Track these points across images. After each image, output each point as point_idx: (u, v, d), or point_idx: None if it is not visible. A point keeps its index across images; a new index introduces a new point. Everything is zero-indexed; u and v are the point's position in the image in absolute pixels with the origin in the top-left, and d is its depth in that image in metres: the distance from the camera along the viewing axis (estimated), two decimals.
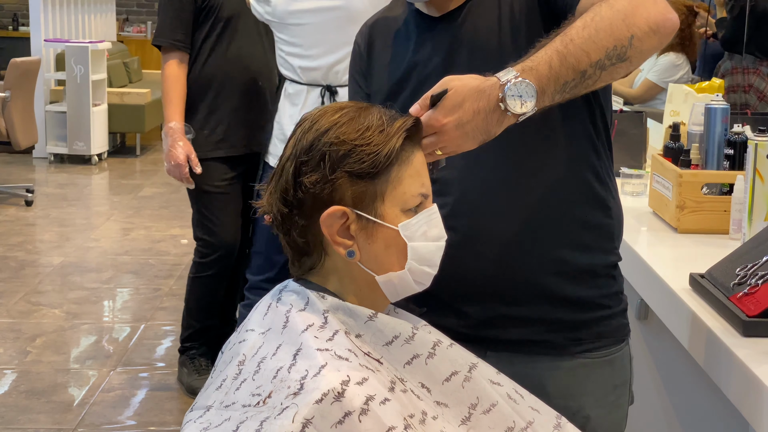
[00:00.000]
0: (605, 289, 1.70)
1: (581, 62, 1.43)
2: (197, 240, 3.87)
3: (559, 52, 1.43)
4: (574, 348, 1.68)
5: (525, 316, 1.66)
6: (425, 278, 1.44)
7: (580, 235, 1.67)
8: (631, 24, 1.45)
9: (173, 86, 3.65)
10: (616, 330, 1.72)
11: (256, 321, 1.44)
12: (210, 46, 3.70)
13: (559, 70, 1.42)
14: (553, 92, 1.44)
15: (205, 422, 1.35)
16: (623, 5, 1.45)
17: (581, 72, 1.44)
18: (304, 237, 1.41)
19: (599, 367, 1.69)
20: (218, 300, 3.93)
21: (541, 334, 1.66)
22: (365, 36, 1.82)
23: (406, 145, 1.39)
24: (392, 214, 1.39)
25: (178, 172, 3.60)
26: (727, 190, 2.36)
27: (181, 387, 3.93)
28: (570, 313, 1.67)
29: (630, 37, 1.45)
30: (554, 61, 1.42)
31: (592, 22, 1.44)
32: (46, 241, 6.32)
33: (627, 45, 1.45)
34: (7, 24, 12.01)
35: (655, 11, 1.47)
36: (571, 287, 1.66)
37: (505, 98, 1.40)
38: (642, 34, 1.46)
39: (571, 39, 1.43)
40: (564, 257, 1.65)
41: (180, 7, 3.67)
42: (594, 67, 1.44)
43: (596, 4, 1.48)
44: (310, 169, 1.37)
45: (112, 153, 9.18)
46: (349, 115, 1.39)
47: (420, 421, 1.32)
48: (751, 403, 1.53)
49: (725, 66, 5.67)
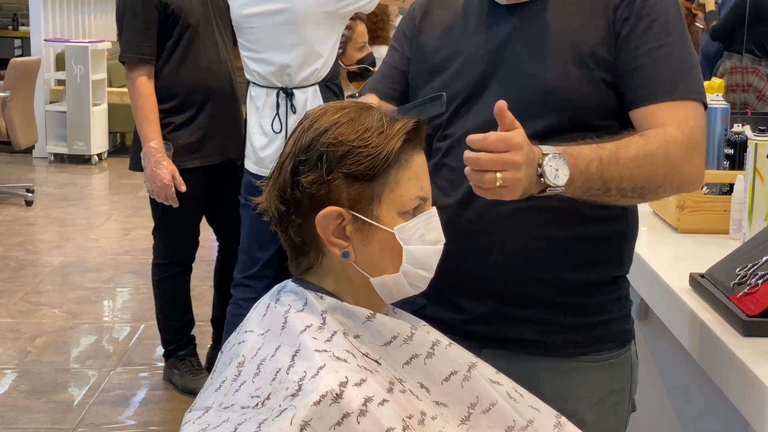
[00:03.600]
0: (607, 296, 1.70)
1: (612, 181, 1.51)
2: (158, 241, 3.86)
3: (600, 161, 1.50)
4: (571, 350, 1.67)
5: (521, 315, 1.66)
6: (421, 281, 1.43)
7: (592, 252, 1.67)
8: (670, 177, 1.57)
9: (147, 104, 3.56)
10: (616, 335, 1.71)
11: (255, 322, 1.44)
12: (180, 55, 3.63)
13: (592, 175, 1.50)
14: (578, 188, 1.50)
15: (203, 423, 1.35)
16: (675, 157, 1.56)
17: (607, 189, 1.52)
18: (300, 236, 1.41)
19: (596, 371, 1.69)
20: (188, 294, 3.93)
21: (536, 335, 1.66)
22: (422, 3, 1.80)
23: (405, 148, 1.39)
24: (388, 217, 1.39)
25: (165, 192, 3.52)
26: (727, 190, 2.36)
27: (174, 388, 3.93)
28: (568, 316, 1.67)
29: (659, 186, 1.57)
30: (593, 165, 1.50)
31: (644, 159, 1.53)
32: (46, 241, 6.32)
33: (653, 190, 1.58)
34: (7, 24, 12.00)
35: (695, 172, 1.60)
36: (574, 297, 1.67)
37: (543, 165, 1.44)
38: (670, 188, 1.60)
39: (617, 159, 1.52)
40: (571, 277, 1.66)
41: (144, 19, 3.58)
42: (617, 190, 1.53)
43: (657, 136, 1.56)
44: (308, 169, 1.37)
45: (112, 153, 9.18)
46: (350, 116, 1.39)
47: (419, 421, 1.32)
48: (751, 403, 1.53)
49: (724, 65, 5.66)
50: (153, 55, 3.60)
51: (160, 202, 3.61)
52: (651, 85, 1.60)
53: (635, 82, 1.61)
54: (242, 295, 3.47)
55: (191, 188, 3.61)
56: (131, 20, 3.59)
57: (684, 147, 1.57)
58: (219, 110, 3.67)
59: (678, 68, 1.61)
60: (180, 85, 3.64)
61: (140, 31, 3.58)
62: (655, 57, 1.60)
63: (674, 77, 1.61)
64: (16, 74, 7.00)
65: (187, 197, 3.60)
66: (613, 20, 1.62)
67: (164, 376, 4.01)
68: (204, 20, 3.68)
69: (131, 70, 3.60)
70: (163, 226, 3.81)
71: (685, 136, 1.57)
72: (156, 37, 3.60)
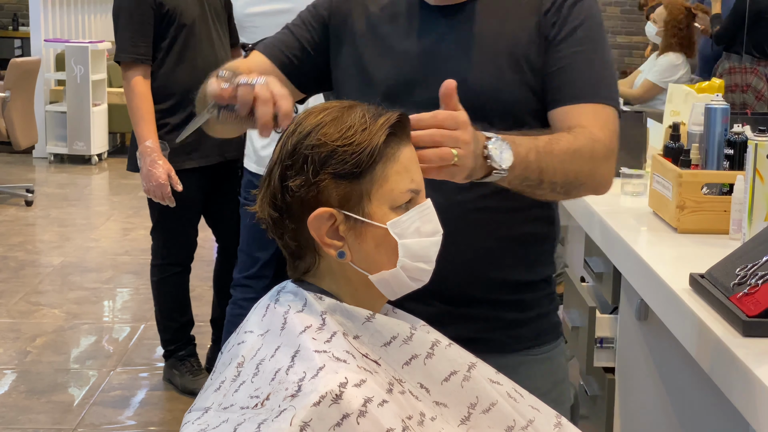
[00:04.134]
0: (542, 292, 1.77)
1: (546, 173, 1.54)
2: (156, 242, 3.86)
3: (538, 151, 1.53)
4: (516, 345, 1.73)
5: (467, 314, 1.68)
6: (421, 274, 1.43)
7: (532, 251, 1.74)
8: (592, 175, 1.62)
9: (143, 103, 3.55)
10: (552, 328, 1.79)
11: (255, 322, 1.44)
12: (176, 55, 3.63)
13: (531, 164, 1.52)
14: (517, 176, 1.51)
15: (203, 424, 1.35)
16: (598, 157, 1.60)
17: (541, 180, 1.55)
18: (296, 240, 1.41)
19: (540, 363, 1.75)
20: (188, 294, 3.93)
21: (481, 332, 1.69)
22: None
23: (391, 142, 1.38)
24: (380, 213, 1.38)
25: (160, 191, 3.51)
26: (727, 190, 2.35)
27: (174, 388, 3.93)
28: (510, 312, 1.72)
29: (583, 184, 1.62)
30: (531, 153, 1.52)
31: (573, 154, 1.57)
32: (46, 241, 6.32)
33: (577, 186, 1.62)
34: (7, 24, 12.00)
35: (610, 175, 1.66)
36: (515, 294, 1.73)
37: (489, 147, 1.46)
38: (590, 187, 1.65)
39: (552, 151, 1.54)
40: (515, 276, 1.72)
41: (140, 19, 3.57)
42: (549, 183, 1.56)
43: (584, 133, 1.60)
44: (295, 173, 1.37)
45: (112, 153, 9.18)
46: (332, 115, 1.39)
47: (418, 422, 1.32)
48: (751, 403, 1.53)
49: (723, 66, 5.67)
50: (149, 55, 3.59)
51: (156, 202, 3.61)
52: (575, 86, 1.65)
53: (559, 83, 1.65)
54: (242, 294, 3.47)
55: (189, 189, 3.60)
56: (127, 20, 3.59)
57: (605, 148, 1.63)
58: None
59: (600, 74, 1.67)
60: (176, 85, 3.63)
61: (136, 31, 3.57)
62: (579, 60, 1.66)
63: (597, 81, 1.66)
64: (16, 74, 7.00)
65: (185, 198, 3.60)
66: (543, 24, 1.67)
67: (164, 376, 4.01)
68: (200, 20, 3.67)
69: (127, 70, 3.59)
70: (162, 227, 3.81)
71: (607, 138, 1.63)
72: (152, 37, 3.59)
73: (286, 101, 1.43)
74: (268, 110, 1.42)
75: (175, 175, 3.54)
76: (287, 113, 1.43)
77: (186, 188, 3.58)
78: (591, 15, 1.69)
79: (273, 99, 1.43)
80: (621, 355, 2.51)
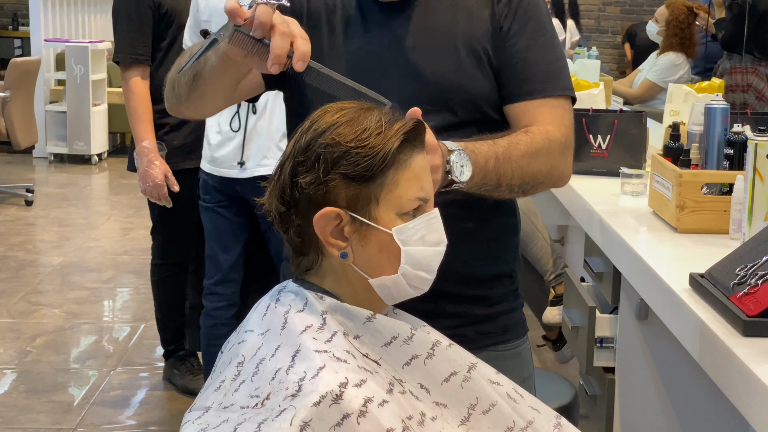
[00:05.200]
0: (508, 288, 1.79)
1: (504, 177, 1.59)
2: (156, 242, 3.86)
3: (497, 158, 1.57)
4: (485, 341, 1.74)
5: (435, 311, 1.67)
6: (421, 283, 1.43)
7: (496, 245, 1.76)
8: (550, 174, 1.67)
9: (141, 104, 3.54)
10: (519, 323, 1.82)
11: (255, 322, 1.44)
12: (175, 56, 3.57)
13: (489, 172, 1.56)
14: (475, 184, 1.55)
15: (203, 423, 1.35)
16: (555, 156, 1.66)
17: (499, 185, 1.60)
18: (300, 236, 1.41)
19: (509, 359, 1.77)
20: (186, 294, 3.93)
21: (450, 329, 1.67)
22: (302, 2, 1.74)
23: (404, 148, 1.39)
24: (387, 218, 1.39)
25: (157, 192, 3.50)
26: (727, 190, 2.35)
27: (174, 388, 3.93)
28: (476, 308, 1.74)
29: (541, 182, 1.67)
30: (490, 162, 1.56)
31: (531, 156, 1.61)
32: (46, 241, 6.32)
33: (535, 186, 1.66)
34: (7, 24, 12.00)
35: (568, 170, 1.71)
36: (481, 290, 1.74)
37: (450, 161, 1.49)
38: (548, 184, 1.70)
39: (510, 157, 1.59)
40: (480, 270, 1.74)
41: (138, 20, 3.56)
42: (507, 186, 1.61)
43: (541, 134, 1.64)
44: (306, 170, 1.37)
45: (112, 153, 9.18)
46: (348, 116, 1.39)
47: (419, 422, 1.32)
48: (751, 403, 1.53)
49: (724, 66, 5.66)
50: (148, 56, 3.59)
51: (154, 202, 3.60)
52: (530, 81, 1.68)
53: (513, 78, 1.68)
54: (212, 304, 3.40)
55: (187, 189, 3.60)
56: (125, 21, 3.59)
57: (562, 146, 1.67)
58: None
59: (552, 66, 1.71)
60: None
61: (134, 31, 3.57)
62: (532, 55, 1.69)
63: (550, 74, 1.70)
64: (16, 74, 7.00)
65: (184, 198, 3.60)
66: (496, 15, 1.69)
67: (164, 376, 4.01)
68: None
69: (125, 71, 3.59)
70: (161, 227, 3.81)
71: (563, 135, 1.68)
72: (151, 37, 3.59)
73: (305, 42, 1.39)
74: (285, 44, 1.37)
75: (171, 176, 3.53)
76: (303, 55, 1.38)
77: (185, 189, 3.57)
78: (537, 5, 1.72)
79: (291, 35, 1.38)
80: (621, 355, 2.51)
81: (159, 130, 3.59)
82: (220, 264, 3.39)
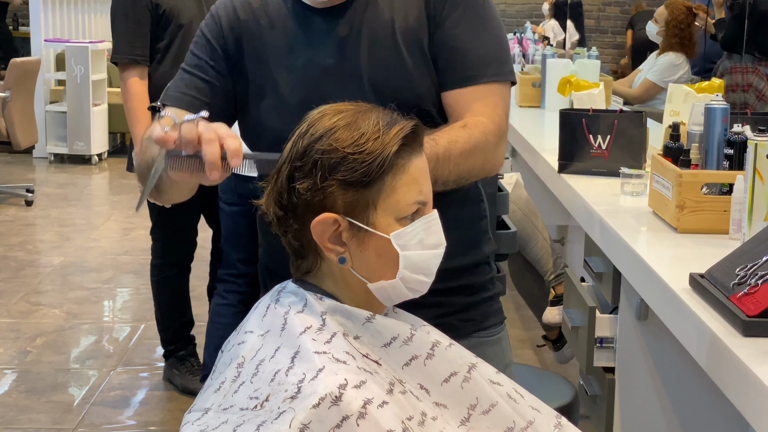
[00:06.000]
0: (485, 275, 1.82)
1: (442, 176, 1.59)
2: (155, 242, 3.86)
3: (437, 160, 1.57)
4: (468, 328, 1.77)
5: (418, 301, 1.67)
6: (420, 286, 1.43)
7: (471, 233, 1.79)
8: (485, 166, 1.67)
9: (139, 104, 3.53)
10: (498, 311, 1.85)
11: (255, 322, 1.44)
12: (173, 56, 3.60)
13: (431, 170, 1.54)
14: None
15: (202, 424, 1.35)
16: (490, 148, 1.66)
17: (435, 182, 1.57)
18: (298, 240, 1.41)
19: (491, 346, 1.80)
20: (187, 294, 3.93)
21: (434, 318, 1.67)
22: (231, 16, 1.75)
23: (402, 153, 1.38)
24: (385, 223, 1.38)
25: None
26: (727, 190, 2.35)
27: (174, 388, 3.93)
28: (458, 297, 1.76)
29: (475, 175, 1.68)
30: (430, 164, 1.53)
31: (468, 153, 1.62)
32: (46, 241, 6.32)
33: (468, 179, 1.68)
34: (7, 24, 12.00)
35: (501, 159, 1.71)
36: (461, 279, 1.77)
37: None
38: (481, 174, 1.70)
39: (449, 157, 1.59)
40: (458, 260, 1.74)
41: (136, 20, 3.56)
42: (443, 183, 1.61)
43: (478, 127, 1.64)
44: (303, 175, 1.37)
45: (112, 153, 9.18)
46: (346, 120, 1.38)
47: (419, 422, 1.32)
48: (751, 403, 1.53)
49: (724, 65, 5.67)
50: (146, 56, 3.59)
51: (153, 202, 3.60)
52: (464, 67, 1.68)
53: (447, 64, 1.68)
54: (225, 287, 3.46)
55: None
56: (123, 21, 3.59)
57: (495, 137, 1.68)
58: None
59: (488, 50, 1.70)
60: None
61: (132, 31, 3.57)
62: (465, 40, 1.68)
63: (484, 59, 1.69)
64: (16, 74, 7.00)
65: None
66: (430, 3, 1.69)
67: (164, 376, 4.01)
68: (197, 20, 3.66)
69: (123, 71, 3.59)
70: (160, 227, 3.81)
71: (496, 126, 1.67)
72: (149, 37, 3.59)
73: (233, 140, 1.38)
74: (215, 149, 1.36)
75: None
76: (235, 152, 1.37)
77: None
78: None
79: (219, 139, 1.38)
80: (621, 355, 2.51)
81: None
82: (232, 261, 3.41)
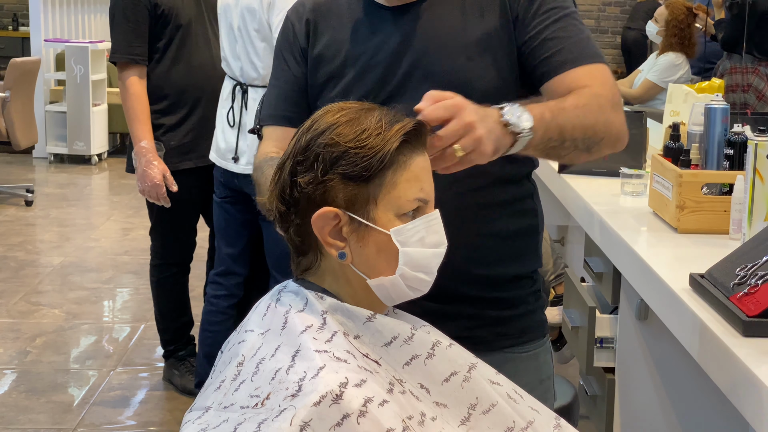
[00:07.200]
0: (527, 289, 1.77)
1: (566, 129, 1.52)
2: (155, 242, 3.86)
3: (551, 110, 1.51)
4: (500, 342, 1.73)
5: (452, 312, 1.68)
6: (420, 284, 1.43)
7: (515, 246, 1.74)
8: (607, 128, 1.59)
9: (138, 104, 3.55)
10: (538, 325, 1.79)
11: (255, 321, 1.44)
12: (172, 55, 3.62)
13: (549, 124, 1.50)
14: (540, 138, 1.49)
15: (203, 423, 1.35)
16: (606, 110, 1.59)
17: (563, 139, 1.53)
18: (300, 236, 1.42)
19: (525, 361, 1.76)
20: (187, 294, 3.93)
21: (467, 331, 1.68)
22: (303, 17, 1.77)
23: (404, 149, 1.38)
24: (385, 218, 1.39)
25: (156, 192, 3.51)
26: (727, 190, 2.35)
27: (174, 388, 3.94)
28: (494, 310, 1.73)
29: (601, 138, 1.60)
30: (546, 114, 1.50)
31: (583, 108, 1.56)
32: (46, 241, 6.32)
33: (597, 141, 1.59)
34: (7, 24, 12.00)
35: (624, 126, 1.63)
36: (498, 292, 1.73)
37: (505, 114, 1.45)
38: (608, 142, 1.62)
39: (563, 108, 1.53)
40: (498, 272, 1.72)
41: (135, 19, 3.56)
42: (571, 141, 1.54)
43: (585, 91, 1.58)
44: (305, 169, 1.38)
45: (112, 153, 9.18)
46: (349, 116, 1.39)
47: (419, 422, 1.32)
48: (751, 403, 1.53)
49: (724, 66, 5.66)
50: (144, 55, 3.59)
51: (152, 202, 3.61)
52: (562, 53, 1.65)
53: (544, 55, 1.65)
54: (213, 292, 3.49)
55: (186, 190, 3.60)
56: (122, 20, 3.59)
57: (611, 102, 1.62)
58: (212, 110, 3.63)
59: (581, 36, 1.68)
60: (172, 85, 3.63)
61: (131, 31, 3.57)
62: (558, 29, 1.66)
63: (581, 44, 1.67)
64: (16, 74, 6.99)
65: (182, 199, 3.60)
66: (508, 5, 1.68)
67: (164, 376, 4.02)
68: (196, 20, 3.67)
69: (122, 70, 3.59)
70: (160, 228, 3.81)
71: (609, 92, 1.62)
72: (147, 37, 3.59)
73: None
74: None
75: (170, 176, 3.54)
76: None
77: (183, 189, 3.58)
78: None
79: None
80: (621, 355, 2.51)
81: (156, 130, 3.60)
82: (223, 257, 3.43)
